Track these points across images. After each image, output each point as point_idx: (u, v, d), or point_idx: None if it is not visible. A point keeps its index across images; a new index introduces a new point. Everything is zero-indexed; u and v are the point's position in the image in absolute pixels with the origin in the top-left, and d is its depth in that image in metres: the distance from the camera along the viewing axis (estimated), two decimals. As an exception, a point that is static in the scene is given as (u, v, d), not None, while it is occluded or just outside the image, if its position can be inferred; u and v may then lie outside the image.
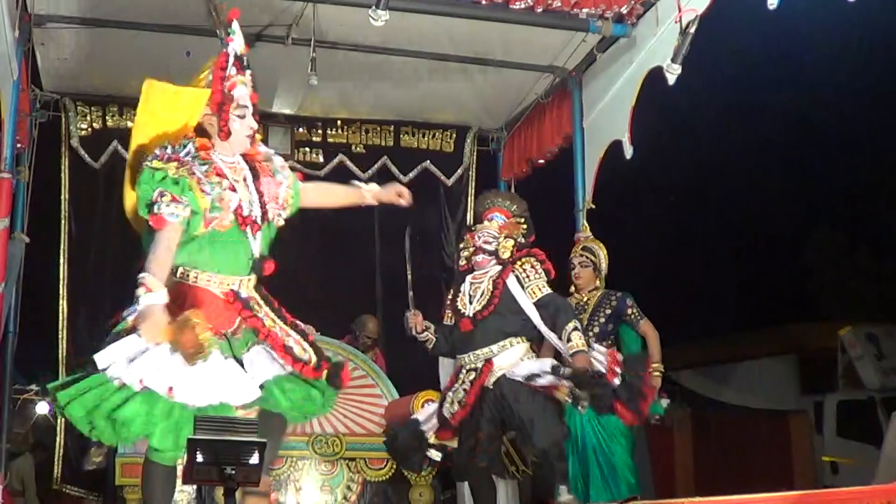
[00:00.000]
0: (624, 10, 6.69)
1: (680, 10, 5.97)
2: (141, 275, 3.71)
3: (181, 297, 3.93)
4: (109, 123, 8.28)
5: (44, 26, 6.85)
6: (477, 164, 9.18)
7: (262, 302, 4.38)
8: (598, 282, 6.46)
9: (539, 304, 5.44)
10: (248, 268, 4.26)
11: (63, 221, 8.11)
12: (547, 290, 5.49)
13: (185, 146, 3.94)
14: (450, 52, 7.59)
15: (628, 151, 6.85)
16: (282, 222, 4.36)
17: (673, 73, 6.07)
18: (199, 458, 3.74)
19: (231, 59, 4.18)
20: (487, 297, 5.57)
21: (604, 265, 6.48)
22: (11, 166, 6.52)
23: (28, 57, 6.93)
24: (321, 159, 8.83)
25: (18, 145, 6.92)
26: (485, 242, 5.67)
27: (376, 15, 6.00)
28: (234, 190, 4.01)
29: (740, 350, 16.92)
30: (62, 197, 8.15)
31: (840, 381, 12.90)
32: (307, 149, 8.80)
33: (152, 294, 3.67)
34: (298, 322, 4.48)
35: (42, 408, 11.84)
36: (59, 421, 7.86)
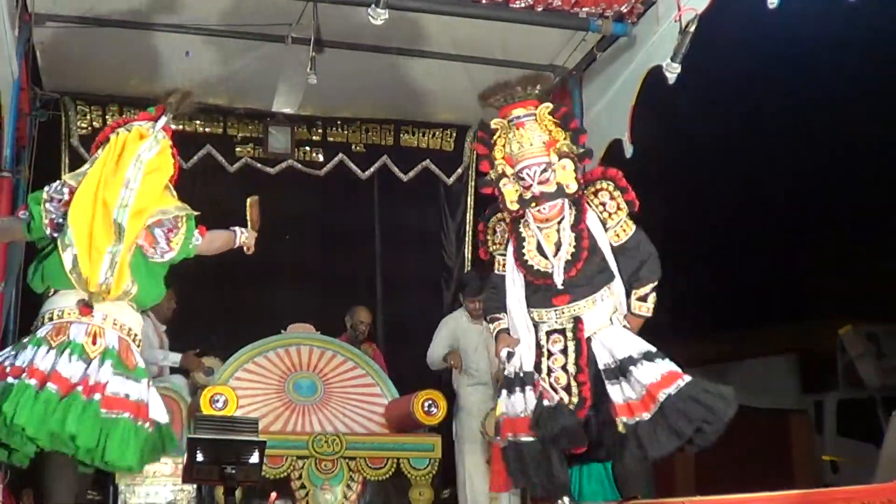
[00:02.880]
0: (624, 10, 6.70)
1: (680, 10, 5.97)
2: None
3: None
4: (109, 122, 8.25)
5: (44, 25, 6.84)
6: (477, 163, 9.16)
7: None
8: None
9: (623, 250, 4.69)
10: None
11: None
12: (632, 230, 4.72)
13: None
14: (450, 51, 7.59)
15: (628, 150, 6.85)
16: None
17: (672, 72, 6.07)
18: (200, 457, 3.76)
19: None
20: (573, 248, 4.59)
21: None
22: (11, 165, 6.52)
23: (28, 56, 6.93)
24: (321, 158, 8.83)
25: (18, 144, 6.92)
26: (540, 183, 4.56)
27: (376, 14, 6.00)
28: None
29: (740, 349, 16.92)
30: (62, 196, 8.14)
31: (840, 380, 12.91)
32: (307, 148, 8.81)
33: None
34: None
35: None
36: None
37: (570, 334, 4.61)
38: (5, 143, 6.33)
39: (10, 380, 4.10)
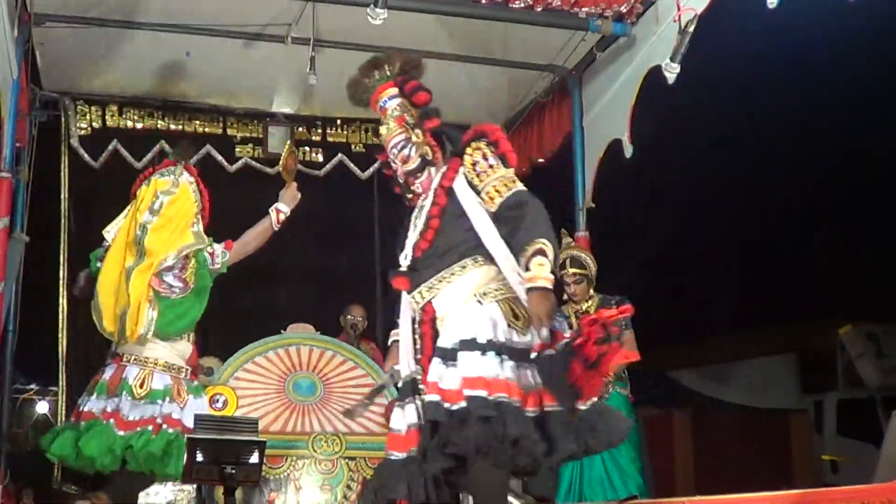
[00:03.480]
0: (623, 10, 6.70)
1: (679, 10, 5.97)
2: None
3: None
4: (109, 123, 8.29)
5: (43, 25, 6.84)
6: (477, 163, 9.15)
7: None
8: (591, 290, 6.49)
9: (501, 213, 3.88)
10: None
11: (63, 221, 8.11)
12: (510, 191, 3.91)
13: None
14: (449, 51, 7.59)
15: (628, 150, 6.85)
16: None
17: (672, 72, 6.07)
18: (199, 457, 3.76)
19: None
20: (422, 224, 4.09)
21: (594, 272, 6.49)
22: (11, 166, 6.51)
23: (28, 56, 6.92)
24: (321, 159, 8.83)
25: (18, 145, 6.91)
26: (403, 162, 4.16)
27: (375, 14, 6.00)
28: None
29: (740, 349, 16.93)
30: (62, 196, 8.16)
31: (840, 380, 12.92)
32: (307, 148, 8.80)
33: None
34: None
35: (42, 407, 11.84)
36: (58, 420, 7.86)
37: (417, 327, 3.99)
38: (5, 144, 6.32)
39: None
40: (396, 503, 3.83)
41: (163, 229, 5.24)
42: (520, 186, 3.92)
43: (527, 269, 3.64)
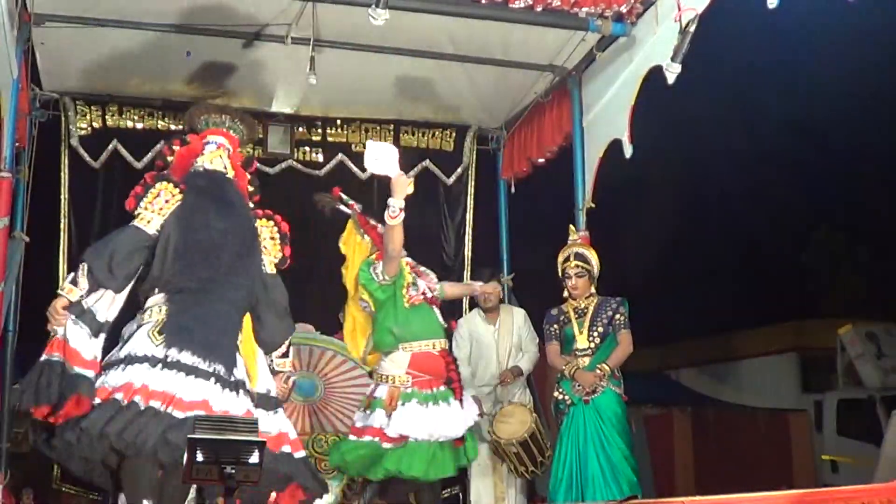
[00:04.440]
0: (623, 10, 6.69)
1: (679, 10, 5.96)
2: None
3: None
4: (109, 123, 8.28)
5: (43, 25, 6.84)
6: (477, 164, 9.16)
7: None
8: (592, 287, 6.50)
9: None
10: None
11: (62, 220, 8.11)
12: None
13: None
14: (449, 52, 7.59)
15: (628, 150, 6.84)
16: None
17: (672, 73, 6.06)
18: (200, 457, 3.75)
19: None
20: None
21: (596, 270, 6.51)
22: (11, 166, 6.52)
23: (28, 56, 6.93)
24: (321, 158, 8.82)
25: (18, 145, 6.92)
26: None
27: (376, 14, 6.00)
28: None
29: (740, 349, 16.95)
30: (62, 196, 8.15)
31: (840, 380, 12.92)
32: (307, 148, 8.80)
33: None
34: None
35: (42, 407, 11.79)
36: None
37: None
38: (5, 144, 6.32)
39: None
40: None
41: (348, 268, 6.06)
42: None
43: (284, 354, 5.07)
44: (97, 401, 4.19)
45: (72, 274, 4.41)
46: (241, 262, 4.60)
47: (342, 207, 5.84)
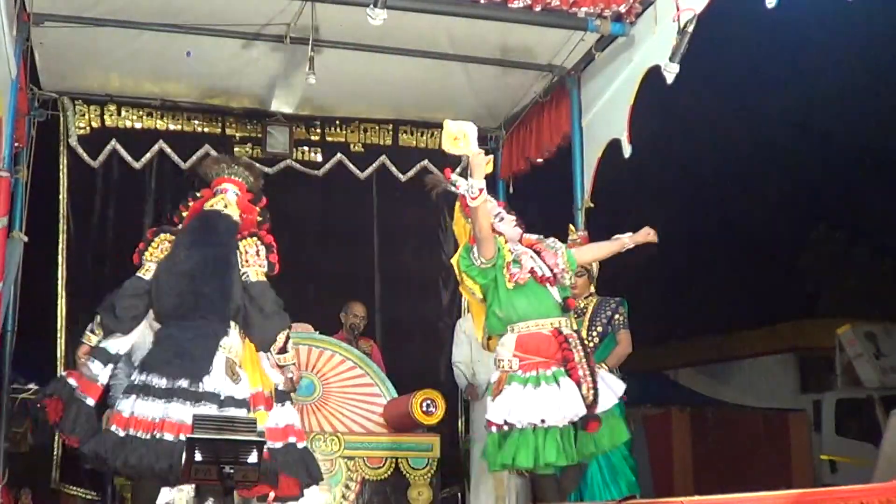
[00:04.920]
0: (622, 10, 6.69)
1: (678, 10, 5.97)
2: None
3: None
4: (108, 123, 8.28)
5: (42, 25, 6.83)
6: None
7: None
8: (591, 287, 6.51)
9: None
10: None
11: (61, 220, 8.10)
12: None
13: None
14: (448, 51, 7.59)
15: (627, 150, 6.84)
16: (567, 283, 5.53)
17: (671, 73, 6.06)
18: (198, 457, 3.75)
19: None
20: None
21: (596, 270, 6.52)
22: (10, 165, 6.51)
23: (26, 56, 6.93)
24: (319, 158, 8.82)
25: (17, 144, 6.92)
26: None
27: (374, 14, 6.00)
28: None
29: (739, 349, 16.94)
30: (60, 196, 8.14)
31: (838, 380, 12.92)
32: (306, 148, 8.79)
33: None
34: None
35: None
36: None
37: None
38: (3, 144, 6.31)
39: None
40: None
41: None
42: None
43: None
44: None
45: (90, 324, 5.35)
46: (212, 283, 5.18)
47: (452, 189, 5.65)
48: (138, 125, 8.38)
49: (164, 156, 8.43)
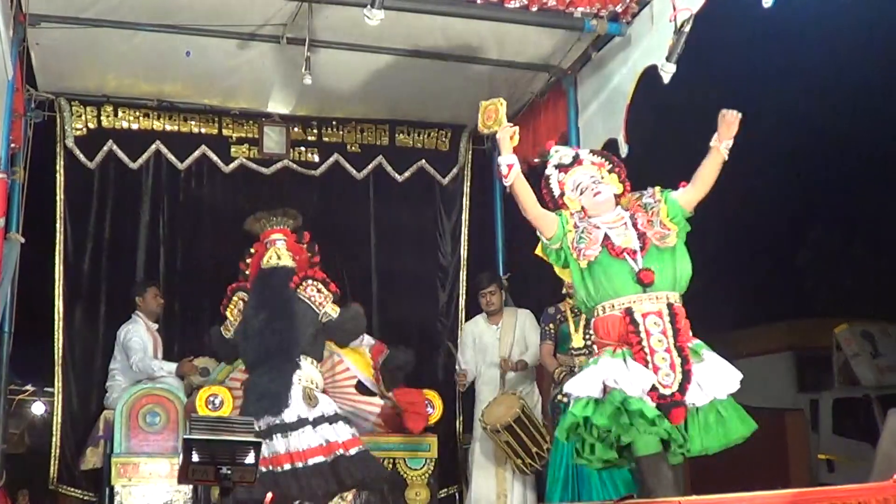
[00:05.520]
0: (619, 9, 6.70)
1: (674, 9, 5.97)
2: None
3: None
4: (105, 123, 8.27)
5: (38, 26, 6.83)
6: (472, 164, 9.16)
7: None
8: None
9: None
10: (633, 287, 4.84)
11: (58, 221, 8.10)
12: None
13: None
14: (445, 52, 7.59)
15: (623, 150, 6.85)
16: (672, 241, 5.03)
17: (668, 72, 6.07)
18: (195, 457, 3.75)
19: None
20: None
21: None
22: (6, 166, 6.51)
23: (23, 57, 6.92)
24: (316, 159, 8.81)
25: (13, 145, 6.91)
26: None
27: (371, 14, 6.00)
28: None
29: (736, 348, 16.85)
30: (57, 197, 8.14)
31: (836, 379, 12.91)
32: (302, 148, 8.79)
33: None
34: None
35: (38, 408, 11.82)
36: (54, 421, 7.85)
37: None
38: (0, 145, 6.31)
39: None
40: None
41: None
42: None
43: None
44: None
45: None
46: (278, 335, 6.24)
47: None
48: (135, 126, 8.37)
49: (161, 156, 8.42)
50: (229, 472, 3.80)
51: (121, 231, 8.31)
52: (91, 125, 8.24)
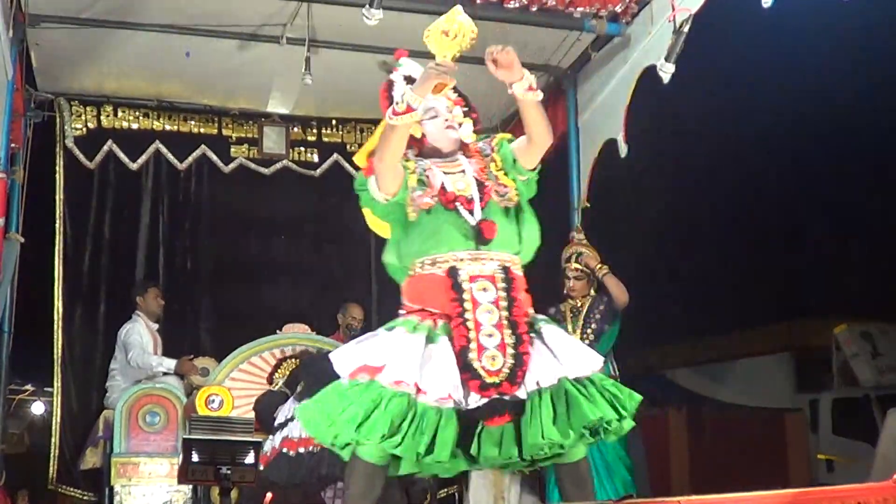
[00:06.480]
0: (618, 10, 6.70)
1: (674, 9, 5.97)
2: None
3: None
4: (104, 123, 8.28)
5: (38, 26, 6.83)
6: (473, 163, 9.15)
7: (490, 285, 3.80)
8: (591, 290, 6.53)
9: None
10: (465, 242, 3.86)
11: (58, 221, 8.10)
12: None
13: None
14: (444, 52, 7.58)
15: (623, 150, 6.86)
16: (513, 198, 3.96)
17: (667, 72, 6.07)
18: (195, 457, 3.76)
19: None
20: None
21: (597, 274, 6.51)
22: (6, 166, 6.50)
23: (22, 57, 6.92)
24: (316, 159, 8.82)
25: (13, 145, 6.91)
26: None
27: (370, 14, 6.00)
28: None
29: (736, 348, 16.94)
30: (57, 197, 8.14)
31: (835, 379, 12.92)
32: (302, 148, 8.79)
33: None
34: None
35: (37, 408, 11.83)
36: (54, 421, 7.85)
37: None
38: (0, 145, 6.32)
39: None
40: None
41: None
42: None
43: None
44: None
45: None
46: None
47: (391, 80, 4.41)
48: (135, 126, 8.38)
49: (161, 156, 8.43)
50: (229, 472, 3.80)
51: (120, 231, 8.31)
52: (91, 125, 8.25)
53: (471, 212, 3.86)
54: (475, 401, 3.52)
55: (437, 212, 3.90)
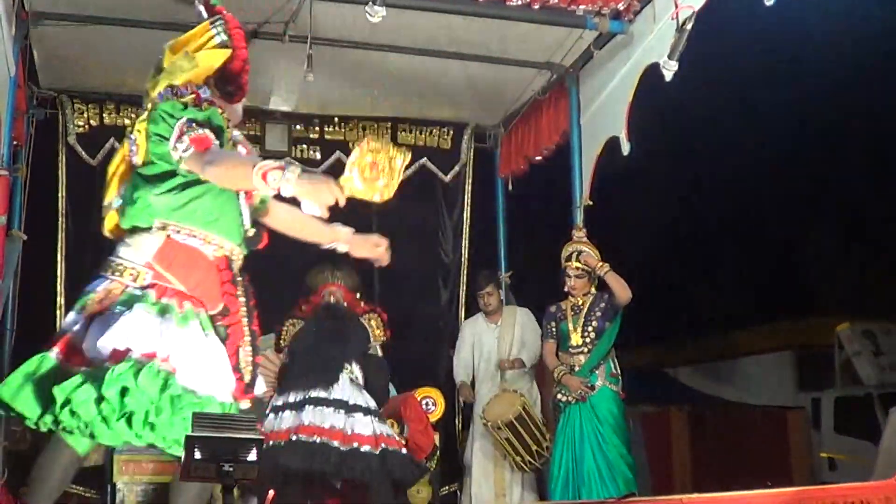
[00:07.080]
0: (621, 7, 6.70)
1: (676, 7, 5.97)
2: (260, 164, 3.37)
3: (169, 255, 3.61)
4: (106, 121, 8.27)
5: (40, 23, 6.83)
6: (474, 161, 9.16)
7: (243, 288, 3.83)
8: (592, 288, 6.53)
9: None
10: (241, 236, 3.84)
11: (60, 219, 8.10)
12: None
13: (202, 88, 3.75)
14: (447, 49, 7.59)
15: (625, 147, 6.86)
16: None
17: (669, 70, 6.07)
18: (197, 454, 3.75)
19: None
20: None
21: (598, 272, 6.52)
22: (8, 164, 6.51)
23: (25, 54, 6.92)
24: (318, 156, 8.82)
25: (15, 143, 6.91)
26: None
27: (373, 11, 6.00)
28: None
29: (738, 347, 16.97)
30: (59, 194, 8.14)
31: (837, 378, 12.94)
32: (304, 146, 8.79)
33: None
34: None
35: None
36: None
37: None
38: (2, 142, 6.32)
39: None
40: None
41: None
42: None
43: None
44: None
45: None
46: (336, 336, 6.35)
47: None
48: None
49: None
50: (231, 469, 3.80)
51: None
52: (93, 122, 8.24)
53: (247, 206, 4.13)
54: None
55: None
